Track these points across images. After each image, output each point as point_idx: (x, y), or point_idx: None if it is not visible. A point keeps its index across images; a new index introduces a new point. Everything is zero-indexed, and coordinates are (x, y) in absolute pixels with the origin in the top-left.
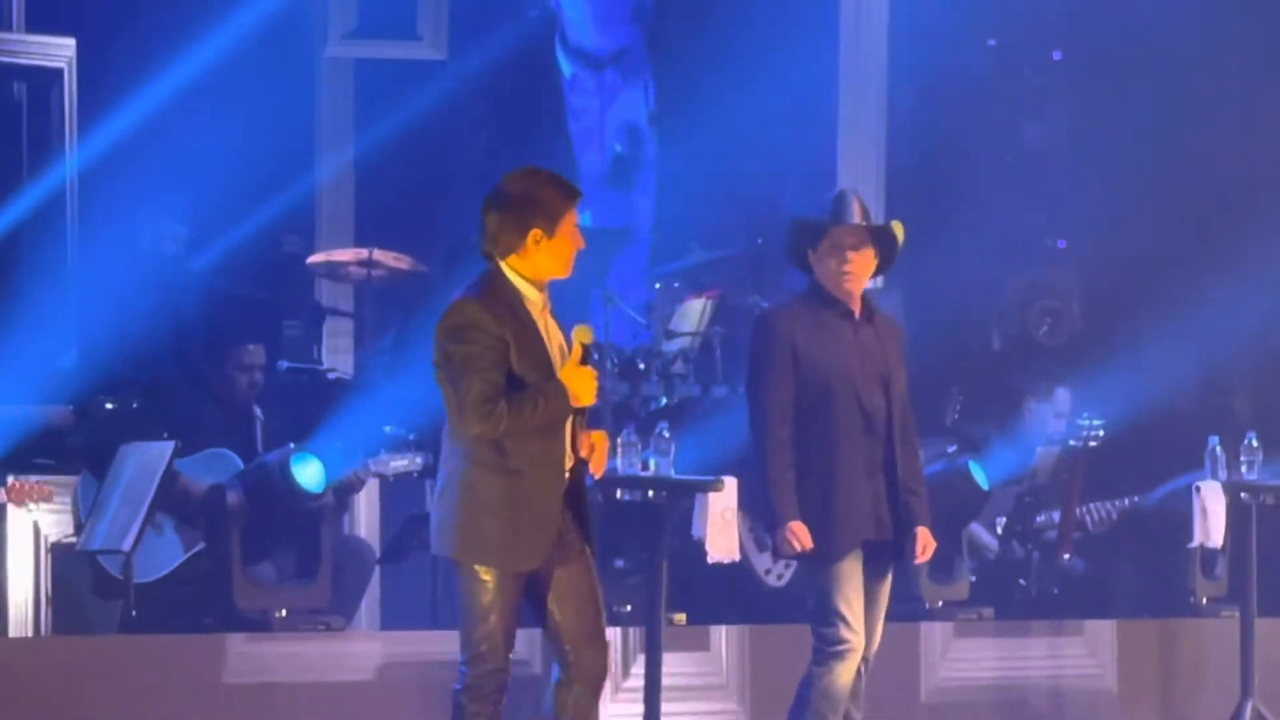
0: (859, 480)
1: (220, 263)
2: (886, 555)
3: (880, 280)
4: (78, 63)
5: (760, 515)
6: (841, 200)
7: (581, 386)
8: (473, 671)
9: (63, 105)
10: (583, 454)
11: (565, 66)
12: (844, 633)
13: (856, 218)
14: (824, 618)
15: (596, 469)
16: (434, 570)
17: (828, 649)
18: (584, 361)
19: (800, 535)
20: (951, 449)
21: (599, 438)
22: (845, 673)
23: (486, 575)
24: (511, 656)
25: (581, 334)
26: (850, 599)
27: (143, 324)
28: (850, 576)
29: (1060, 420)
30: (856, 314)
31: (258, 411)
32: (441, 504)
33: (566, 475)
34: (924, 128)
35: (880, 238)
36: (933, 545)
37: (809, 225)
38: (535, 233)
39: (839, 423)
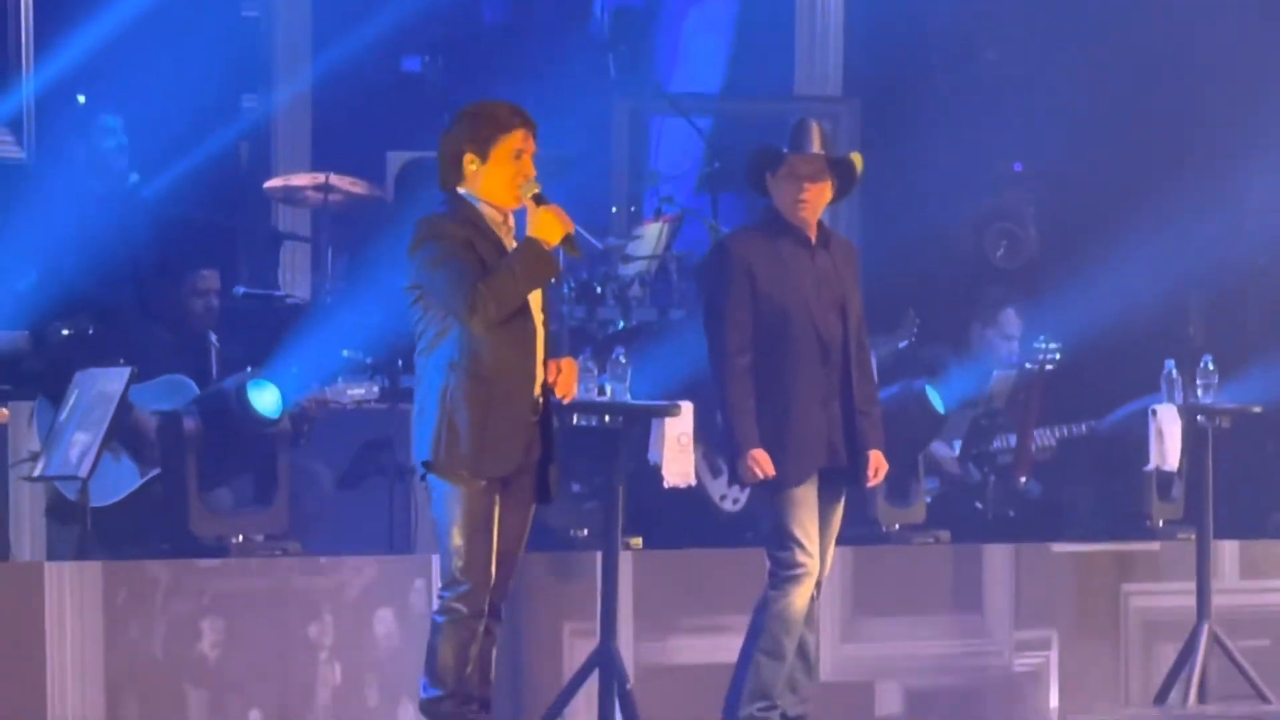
0: (814, 407)
1: (176, 188)
2: (840, 480)
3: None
4: None
5: (719, 442)
6: (802, 128)
7: (546, 225)
8: (451, 595)
9: (19, 29)
10: (550, 379)
11: None
12: (799, 556)
13: (815, 147)
14: (779, 542)
15: (565, 393)
16: (390, 496)
17: (783, 573)
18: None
19: (762, 463)
20: (903, 344)
21: (567, 363)
22: (800, 596)
23: (460, 484)
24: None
25: (528, 188)
26: (805, 524)
27: (96, 248)
28: (805, 501)
29: (1011, 342)
30: (813, 240)
31: (213, 338)
32: (418, 418)
33: (537, 393)
34: (880, 51)
35: (838, 168)
36: (885, 467)
37: (767, 152)
38: (468, 158)
39: (796, 350)
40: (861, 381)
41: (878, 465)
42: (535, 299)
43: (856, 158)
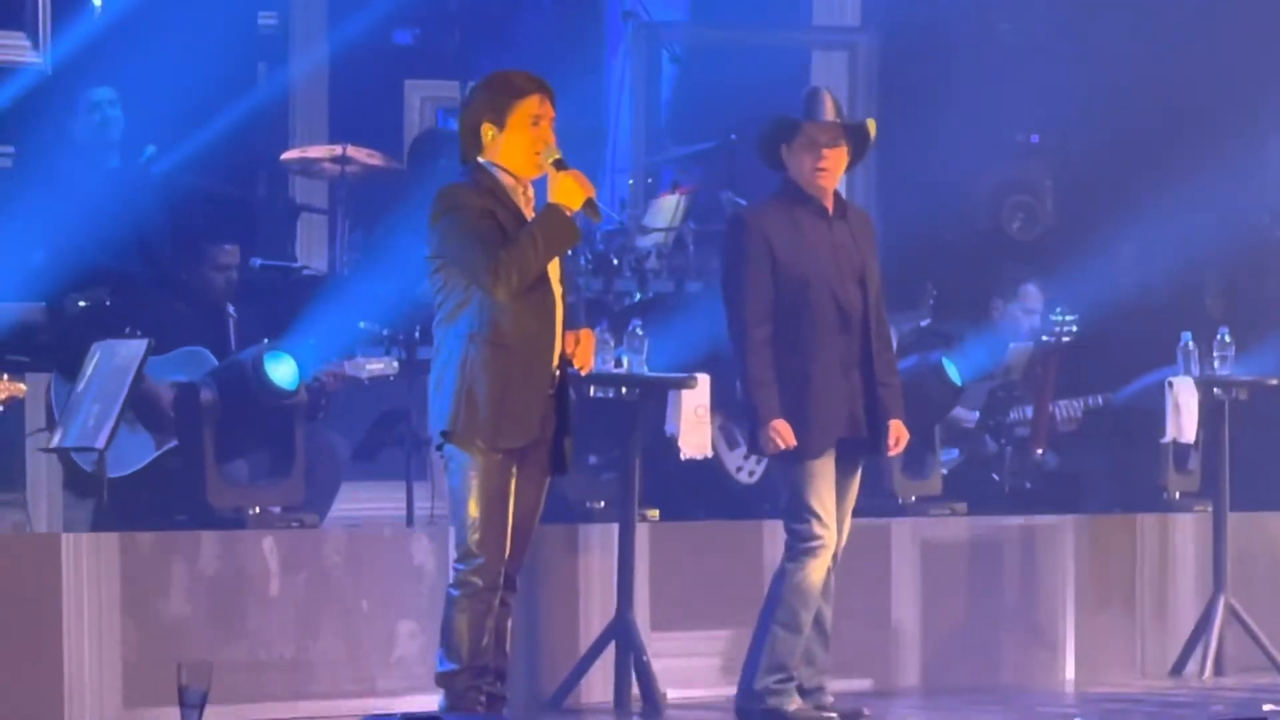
0: (835, 378)
1: (192, 161)
2: (860, 450)
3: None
4: None
5: (738, 413)
6: (815, 97)
7: (567, 190)
8: (466, 567)
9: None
10: (568, 350)
11: None
12: (817, 529)
13: (829, 115)
14: (797, 514)
15: (583, 364)
16: (408, 468)
17: (800, 545)
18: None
19: (784, 433)
20: (925, 322)
21: (585, 334)
22: (818, 569)
23: (475, 454)
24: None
25: (548, 154)
26: (823, 495)
27: (108, 222)
28: (824, 473)
29: (1031, 316)
30: (830, 210)
31: (231, 309)
32: (435, 389)
33: (555, 364)
34: (897, 23)
35: (853, 134)
36: (906, 437)
37: (782, 122)
38: (485, 127)
39: (815, 321)
40: (881, 351)
41: (899, 435)
42: (554, 270)
43: (871, 124)
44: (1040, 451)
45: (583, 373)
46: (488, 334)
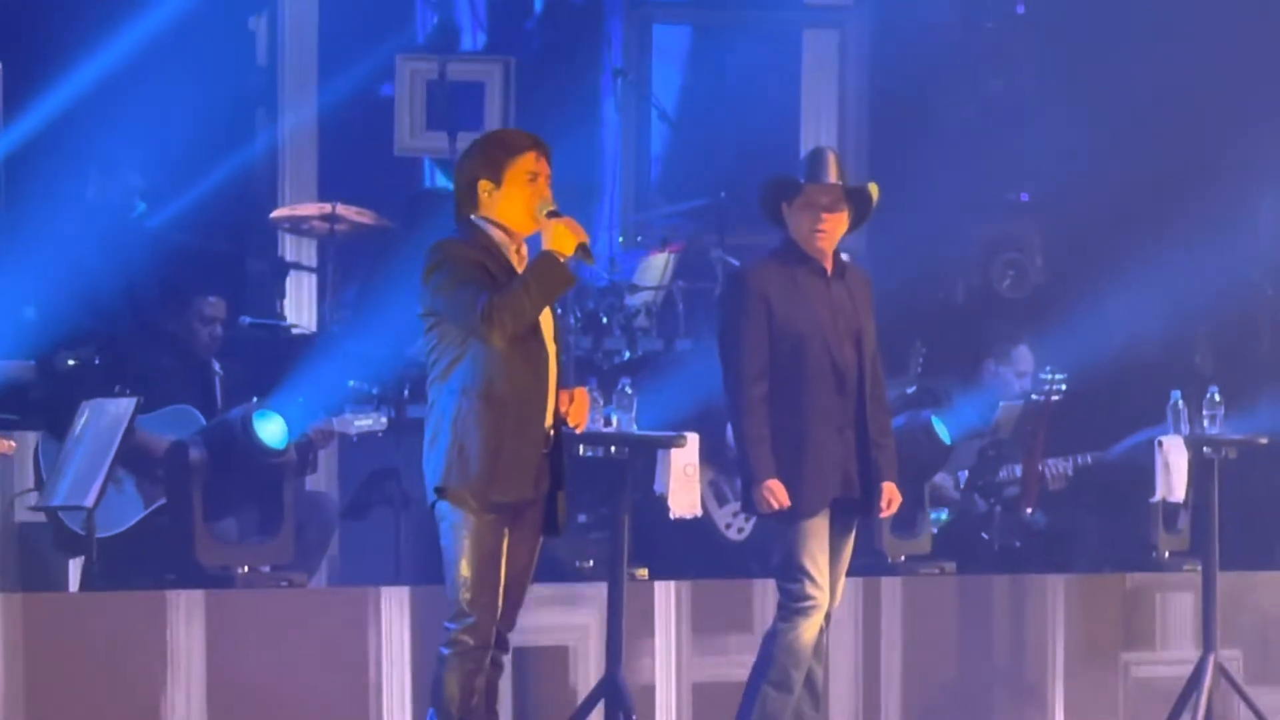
0: (829, 437)
1: (182, 217)
2: (853, 511)
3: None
4: None
5: (730, 468)
6: (818, 158)
7: (559, 237)
8: (458, 627)
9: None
10: (562, 408)
11: None
12: (809, 589)
13: (832, 177)
14: (790, 574)
15: (578, 422)
16: (397, 526)
17: (793, 605)
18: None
19: (778, 493)
20: (911, 390)
21: (580, 392)
22: (810, 629)
23: (468, 513)
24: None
25: (544, 207)
26: (816, 556)
27: (98, 279)
28: (817, 533)
29: (1023, 379)
30: (829, 271)
31: (216, 366)
32: (430, 446)
33: (548, 422)
34: (886, 80)
35: (855, 198)
36: (899, 499)
37: (784, 182)
38: (483, 184)
39: (811, 380)
40: (876, 413)
41: (891, 497)
42: (548, 327)
43: (873, 188)
44: (1030, 511)
45: (577, 430)
46: (481, 389)
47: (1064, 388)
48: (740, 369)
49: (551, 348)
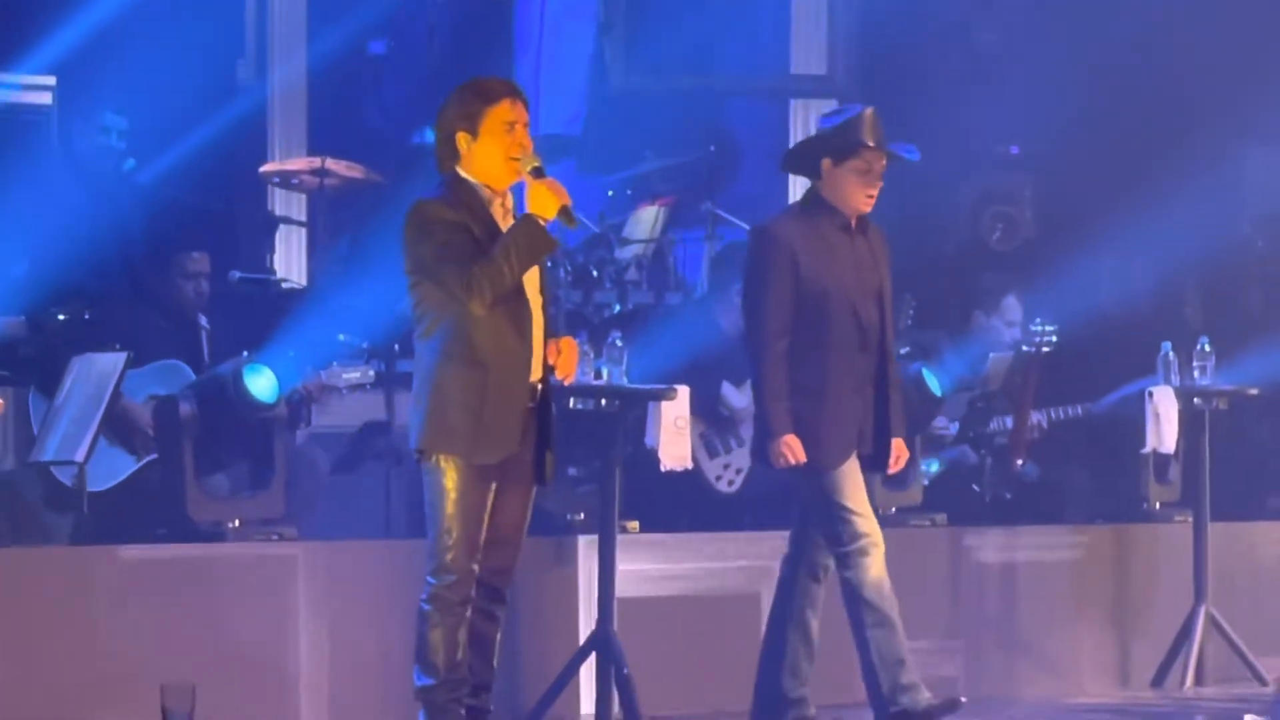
0: (850, 392)
1: (172, 173)
2: (864, 467)
3: None
4: None
5: (719, 422)
6: (874, 122)
7: (542, 199)
8: (438, 582)
9: None
10: (550, 359)
11: None
12: (861, 526)
13: (884, 143)
14: (832, 519)
15: (566, 373)
16: (387, 480)
17: (849, 547)
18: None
19: (794, 449)
20: (905, 350)
21: (567, 343)
22: (874, 564)
23: (452, 470)
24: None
25: (527, 161)
26: (854, 494)
27: (90, 234)
28: (850, 475)
29: (1012, 329)
30: (853, 225)
31: (203, 321)
32: (414, 403)
33: (533, 379)
34: (875, 33)
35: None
36: (906, 455)
37: (846, 139)
38: (460, 136)
39: (835, 335)
40: (891, 369)
41: (900, 453)
42: (533, 282)
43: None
44: (1020, 462)
45: (565, 382)
46: (463, 350)
47: (1054, 340)
48: (764, 325)
49: (537, 300)
